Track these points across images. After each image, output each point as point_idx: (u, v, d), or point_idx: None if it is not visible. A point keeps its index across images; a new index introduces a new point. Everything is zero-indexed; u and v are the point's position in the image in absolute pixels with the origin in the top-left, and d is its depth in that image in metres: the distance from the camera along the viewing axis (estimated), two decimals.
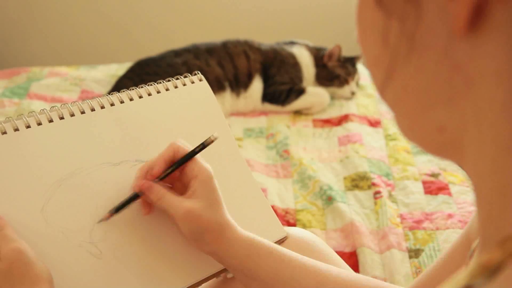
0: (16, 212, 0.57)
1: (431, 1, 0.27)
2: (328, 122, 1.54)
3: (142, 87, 0.71)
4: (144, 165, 0.62)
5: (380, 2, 0.30)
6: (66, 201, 0.60)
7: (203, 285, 0.66)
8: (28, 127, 0.61)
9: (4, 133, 0.60)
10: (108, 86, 1.65)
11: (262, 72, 1.61)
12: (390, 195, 1.18)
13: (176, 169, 0.61)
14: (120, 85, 1.57)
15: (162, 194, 0.60)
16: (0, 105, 1.53)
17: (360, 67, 1.80)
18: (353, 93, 1.63)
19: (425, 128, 0.31)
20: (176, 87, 0.72)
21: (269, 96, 1.59)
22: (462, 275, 0.26)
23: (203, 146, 0.61)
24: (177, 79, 0.73)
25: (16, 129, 0.60)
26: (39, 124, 0.62)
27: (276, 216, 0.73)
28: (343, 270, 0.61)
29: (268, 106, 1.60)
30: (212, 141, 0.61)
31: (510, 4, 0.25)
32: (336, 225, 1.10)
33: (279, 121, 1.53)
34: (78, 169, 0.62)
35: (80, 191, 0.61)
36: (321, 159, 1.35)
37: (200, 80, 0.74)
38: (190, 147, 0.62)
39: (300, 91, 1.58)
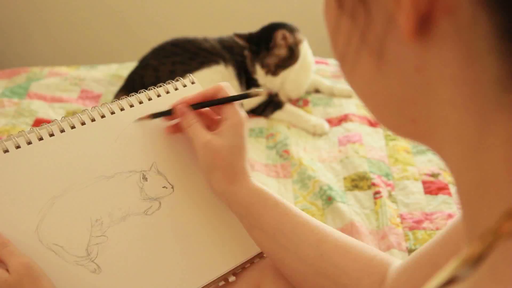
0: (10, 234, 0.56)
1: (379, 8, 0.28)
2: (328, 122, 1.54)
3: (133, 95, 0.70)
4: (185, 96, 0.66)
5: (341, 6, 0.31)
6: (61, 218, 0.59)
7: None
8: (18, 147, 0.60)
9: (6, 151, 0.59)
10: (108, 86, 1.65)
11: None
12: (390, 195, 1.18)
13: (210, 105, 0.65)
14: (137, 74, 1.55)
15: (192, 122, 0.64)
16: (0, 105, 1.52)
17: None
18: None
19: (398, 119, 0.32)
20: (167, 92, 0.71)
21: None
22: (450, 266, 0.27)
23: (245, 95, 0.64)
24: (169, 83, 0.73)
25: (6, 151, 0.59)
26: (29, 143, 0.61)
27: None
28: (345, 235, 0.62)
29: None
30: (257, 95, 0.64)
31: (455, 17, 0.25)
32: (336, 225, 1.10)
33: (279, 121, 1.53)
34: (71, 185, 0.61)
35: (75, 207, 0.61)
36: (321, 159, 1.35)
37: (193, 82, 0.74)
38: (233, 92, 0.65)
39: (278, 105, 1.51)
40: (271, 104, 1.54)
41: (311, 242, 0.59)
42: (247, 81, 1.53)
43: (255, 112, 1.55)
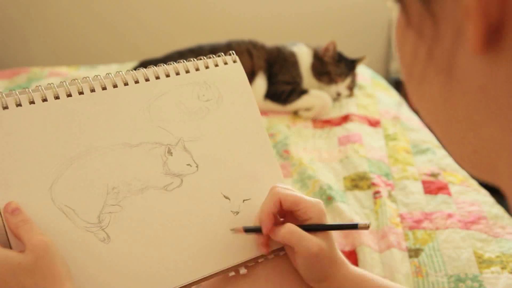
0: (23, 187, 0.54)
1: (448, 20, 0.26)
2: (328, 122, 1.54)
3: (170, 63, 0.66)
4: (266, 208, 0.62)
5: (408, 22, 0.29)
6: (76, 180, 0.57)
7: (206, 283, 0.64)
8: (45, 100, 0.57)
9: (19, 105, 0.56)
10: None
11: (266, 70, 1.62)
12: (390, 195, 1.18)
13: (317, 229, 0.61)
14: None
15: (293, 229, 0.60)
16: None
17: (360, 68, 1.80)
18: (338, 94, 1.61)
19: (461, 148, 0.30)
20: (207, 67, 0.67)
21: (271, 94, 1.59)
22: None
23: (354, 226, 0.61)
24: (210, 58, 0.68)
25: (32, 102, 0.57)
26: (57, 97, 0.58)
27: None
28: None
29: (270, 104, 1.60)
30: (365, 228, 0.60)
31: None
32: None
33: (279, 121, 1.54)
34: (93, 148, 0.59)
35: (93, 171, 0.58)
36: (321, 159, 1.35)
37: (234, 61, 0.69)
38: (292, 191, 0.62)
39: (302, 92, 1.58)
40: (295, 92, 1.57)
41: None
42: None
43: (273, 98, 1.58)
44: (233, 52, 0.70)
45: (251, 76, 1.60)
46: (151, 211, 0.60)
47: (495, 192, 0.75)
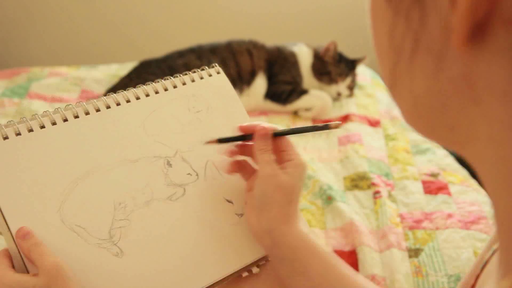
0: (33, 213, 0.56)
1: (434, 7, 0.26)
2: (328, 122, 1.54)
3: (158, 81, 0.69)
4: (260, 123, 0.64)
5: (390, 2, 0.29)
6: (84, 200, 0.59)
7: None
8: (43, 127, 0.60)
9: (18, 134, 0.59)
10: (108, 86, 1.65)
11: (266, 70, 1.62)
12: (390, 195, 1.18)
13: (293, 133, 0.63)
14: (121, 84, 1.57)
15: (267, 148, 0.62)
16: (0, 105, 1.53)
17: (360, 68, 1.80)
18: (339, 94, 1.62)
19: (435, 124, 0.30)
20: (193, 81, 0.70)
21: (271, 94, 1.60)
22: None
23: (325, 126, 0.62)
24: (194, 72, 0.72)
25: (31, 130, 0.59)
26: (54, 123, 0.61)
27: None
28: None
29: (269, 104, 1.60)
30: (336, 128, 0.61)
31: None
32: (336, 225, 1.10)
33: (279, 121, 1.54)
34: (95, 167, 0.61)
35: (98, 189, 0.60)
36: (321, 159, 1.35)
37: (218, 72, 0.73)
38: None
39: (302, 92, 1.59)
40: (295, 92, 1.58)
41: None
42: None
43: (273, 98, 1.59)
44: (216, 64, 0.73)
45: (251, 76, 1.60)
46: (159, 221, 0.62)
47: None
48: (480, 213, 1.10)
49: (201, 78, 0.71)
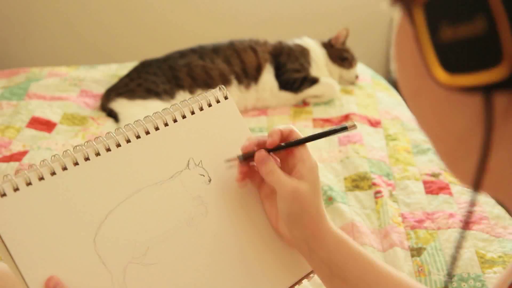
0: (57, 262, 0.56)
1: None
2: (328, 121, 1.54)
3: (166, 109, 0.68)
4: (256, 136, 0.63)
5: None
6: (115, 233, 0.59)
7: None
8: (65, 169, 0.58)
9: (29, 184, 0.57)
10: (108, 86, 1.65)
11: (272, 61, 1.64)
12: (391, 195, 1.17)
13: (290, 147, 0.61)
14: (121, 84, 1.57)
15: (273, 168, 0.60)
16: None
17: (361, 68, 1.80)
18: (357, 77, 1.73)
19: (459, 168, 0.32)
20: (201, 109, 0.69)
21: (282, 83, 1.63)
22: None
23: (343, 128, 0.59)
24: (200, 94, 0.71)
25: (53, 173, 0.58)
26: (76, 164, 0.59)
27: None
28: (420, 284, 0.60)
29: (282, 94, 1.63)
30: (346, 129, 0.59)
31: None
32: (336, 225, 1.09)
33: (279, 121, 1.53)
34: (110, 212, 0.60)
35: (124, 226, 0.60)
36: (321, 159, 1.34)
37: (226, 97, 0.72)
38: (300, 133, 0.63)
39: (314, 81, 1.63)
40: (307, 80, 1.62)
41: None
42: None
43: (286, 87, 1.62)
44: (223, 86, 0.72)
45: (258, 72, 1.61)
46: (192, 247, 0.62)
47: None
48: (481, 213, 1.09)
49: (209, 105, 0.70)
